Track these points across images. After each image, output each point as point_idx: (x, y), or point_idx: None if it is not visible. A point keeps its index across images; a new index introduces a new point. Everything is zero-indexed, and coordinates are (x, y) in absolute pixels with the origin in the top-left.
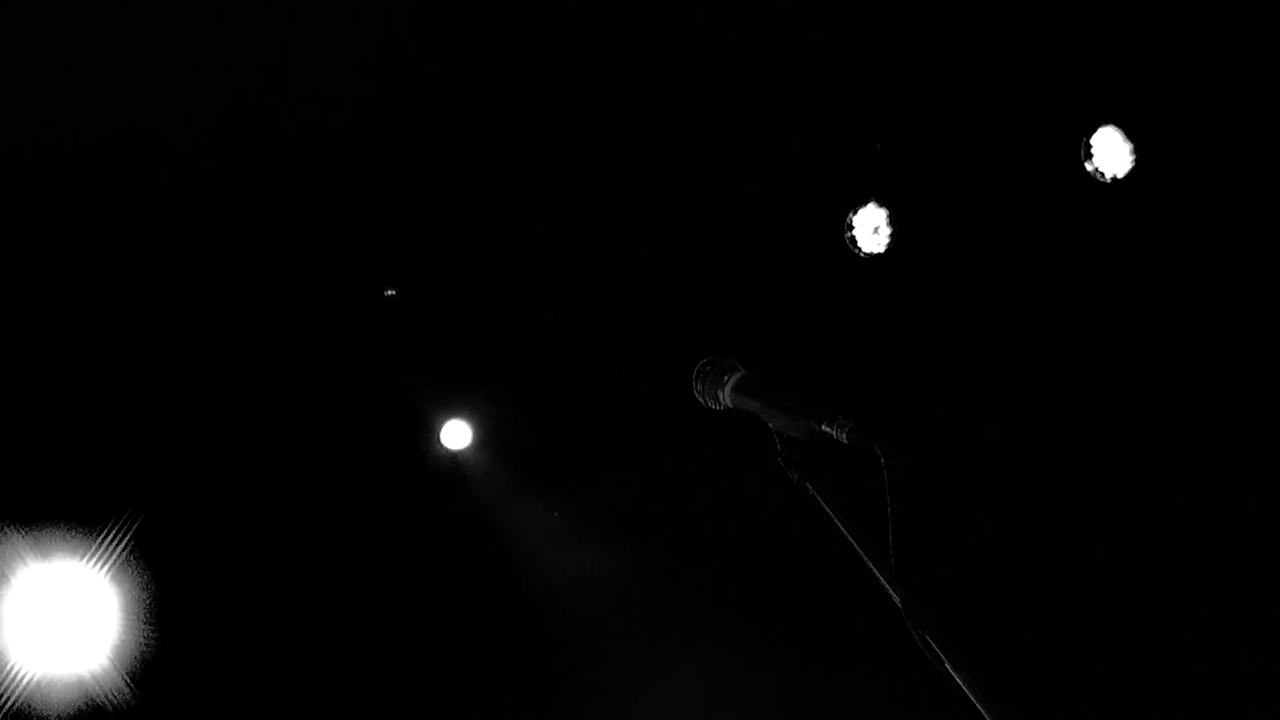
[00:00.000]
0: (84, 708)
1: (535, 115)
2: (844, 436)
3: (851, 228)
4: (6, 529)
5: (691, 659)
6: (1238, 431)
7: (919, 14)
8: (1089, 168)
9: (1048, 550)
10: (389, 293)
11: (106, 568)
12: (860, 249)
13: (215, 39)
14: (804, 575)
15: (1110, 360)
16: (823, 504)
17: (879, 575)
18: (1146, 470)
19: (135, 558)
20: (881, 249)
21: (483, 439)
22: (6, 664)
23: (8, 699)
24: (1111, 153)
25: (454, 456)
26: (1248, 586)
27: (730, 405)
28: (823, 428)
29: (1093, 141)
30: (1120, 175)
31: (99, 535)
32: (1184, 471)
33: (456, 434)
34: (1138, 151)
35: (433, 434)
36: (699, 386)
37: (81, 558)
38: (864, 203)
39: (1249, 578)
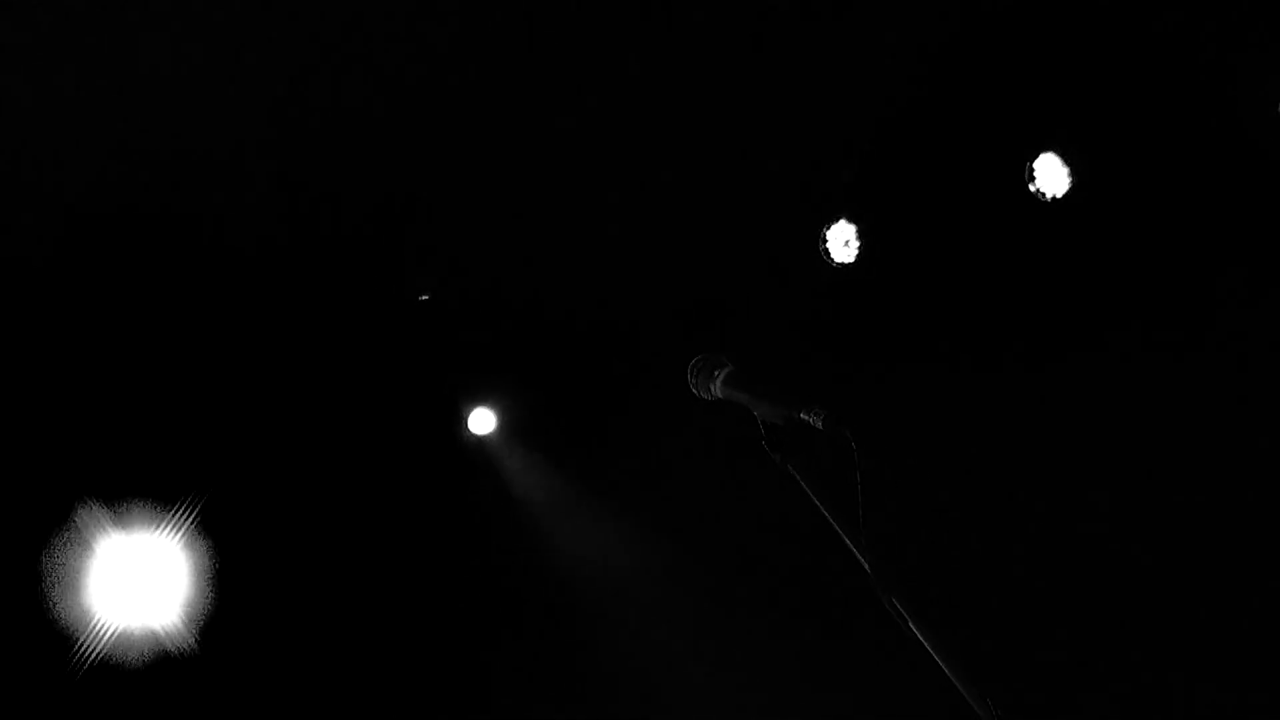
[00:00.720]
0: (157, 657)
1: (552, 141)
2: (820, 423)
3: (825, 241)
4: (93, 505)
5: (687, 627)
6: (1156, 418)
7: (885, 61)
8: (1032, 189)
9: (1006, 526)
10: (423, 297)
11: (177, 537)
12: (833, 259)
13: (245, 51)
14: (786, 547)
15: (1054, 352)
16: (801, 483)
17: (851, 545)
18: (1103, 458)
19: (202, 529)
20: (851, 259)
21: (506, 425)
22: (92, 619)
23: (93, 648)
24: (1051, 176)
25: (480, 441)
26: (1209, 565)
27: (720, 396)
28: (801, 415)
29: (1035, 166)
30: (1059, 195)
31: (171, 510)
32: (1142, 460)
33: (482, 421)
34: (1074, 175)
35: (461, 421)
36: (693, 380)
37: (156, 529)
38: (836, 219)
39: (1206, 559)
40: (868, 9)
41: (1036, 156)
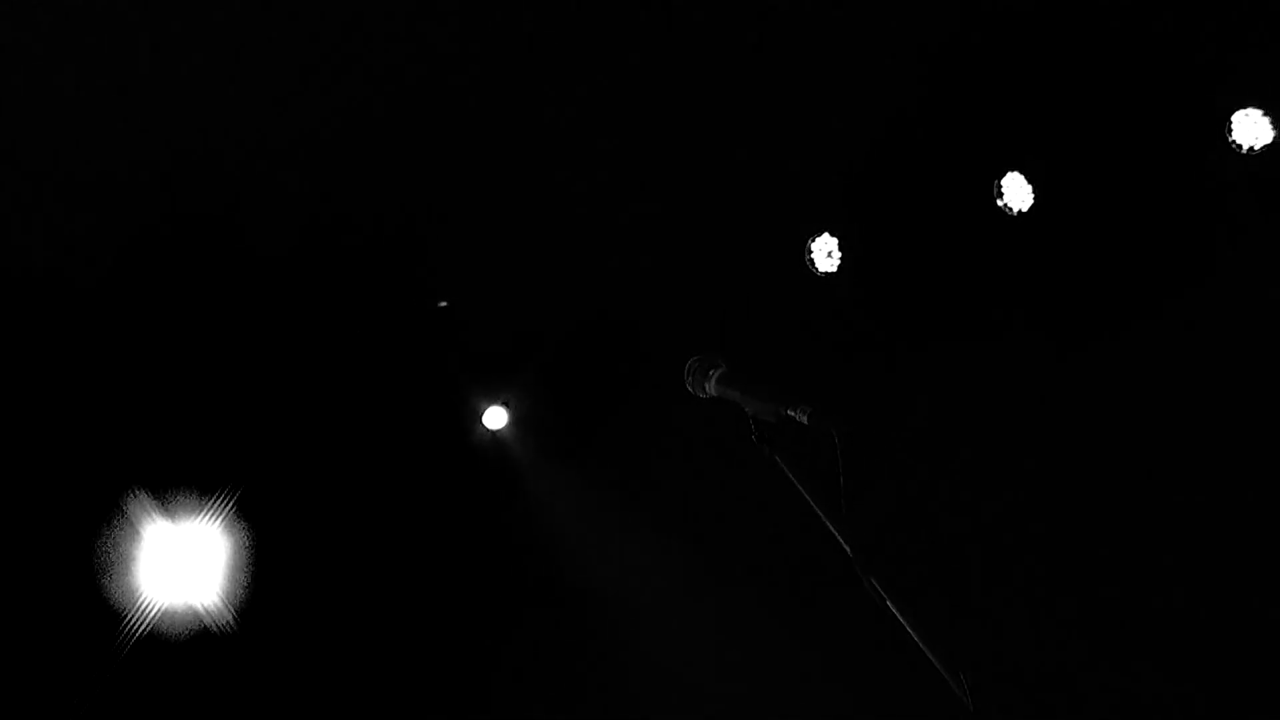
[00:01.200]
0: (198, 632)
1: (555, 151)
2: (805, 419)
3: (810, 252)
4: (140, 494)
5: (681, 608)
6: (1095, 408)
7: (863, 93)
8: (1000, 204)
9: (989, 521)
10: (442, 304)
11: (217, 523)
12: (817, 269)
13: (247, 54)
14: (773, 533)
15: (1010, 347)
16: (788, 473)
17: (833, 530)
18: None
19: (239, 516)
20: (834, 269)
21: (517, 422)
22: (139, 597)
23: (140, 624)
24: (1017, 192)
25: (493, 435)
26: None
27: (714, 395)
28: (788, 412)
29: (1002, 183)
30: (1024, 210)
31: (211, 499)
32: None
33: (495, 417)
34: (1036, 192)
35: (476, 417)
36: (689, 380)
37: (197, 516)
38: (820, 232)
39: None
40: (842, 44)
41: (1004, 175)
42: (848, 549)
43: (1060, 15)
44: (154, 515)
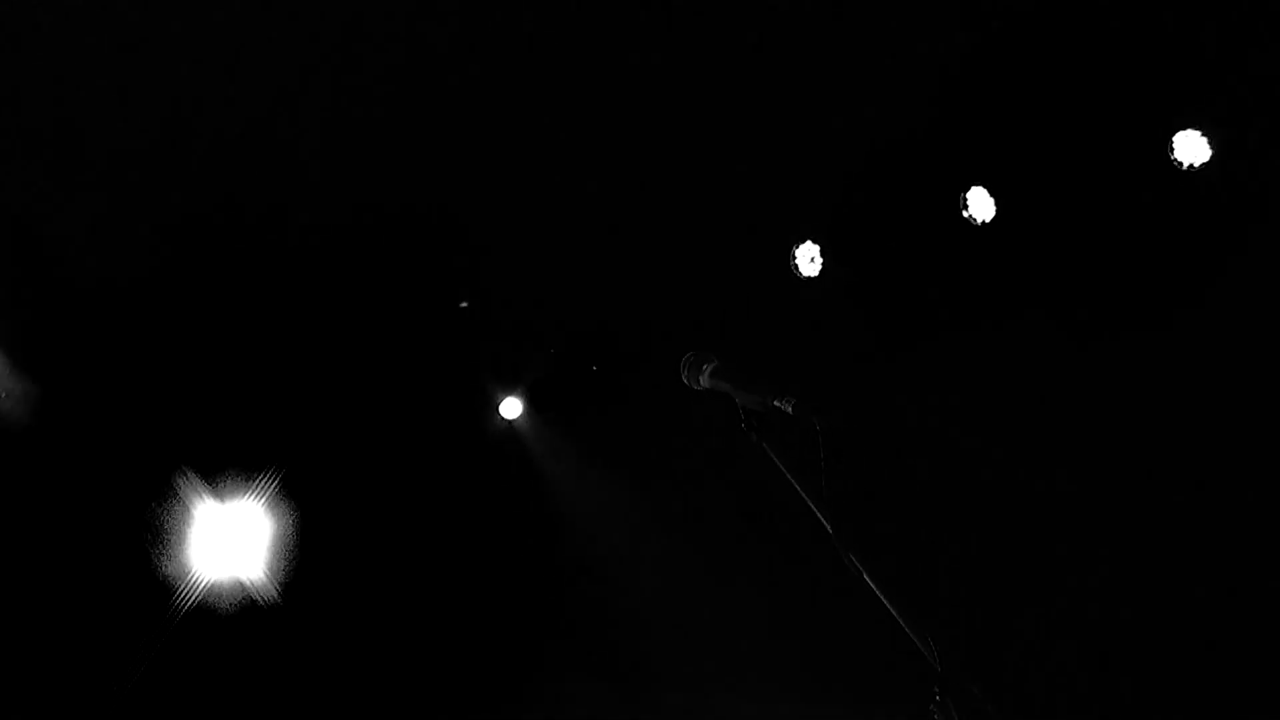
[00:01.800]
0: (244, 605)
1: (561, 160)
2: (790, 409)
3: (794, 258)
4: (191, 476)
5: (670, 576)
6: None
7: (843, 109)
8: (965, 215)
9: (967, 512)
10: (463, 304)
11: (262, 503)
12: (800, 273)
13: (247, 54)
14: (762, 513)
15: (983, 343)
16: (774, 458)
17: (815, 510)
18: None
19: (283, 496)
20: (815, 274)
21: (531, 412)
22: (190, 572)
23: (190, 597)
24: (981, 204)
25: (510, 424)
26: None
27: (708, 387)
28: (775, 403)
29: (967, 196)
30: (987, 220)
31: (256, 480)
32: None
33: (511, 407)
34: (999, 204)
35: (493, 407)
36: (685, 373)
37: (243, 496)
38: (803, 240)
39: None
40: (822, 70)
41: (969, 188)
42: (829, 527)
43: (1019, 47)
44: (203, 495)
